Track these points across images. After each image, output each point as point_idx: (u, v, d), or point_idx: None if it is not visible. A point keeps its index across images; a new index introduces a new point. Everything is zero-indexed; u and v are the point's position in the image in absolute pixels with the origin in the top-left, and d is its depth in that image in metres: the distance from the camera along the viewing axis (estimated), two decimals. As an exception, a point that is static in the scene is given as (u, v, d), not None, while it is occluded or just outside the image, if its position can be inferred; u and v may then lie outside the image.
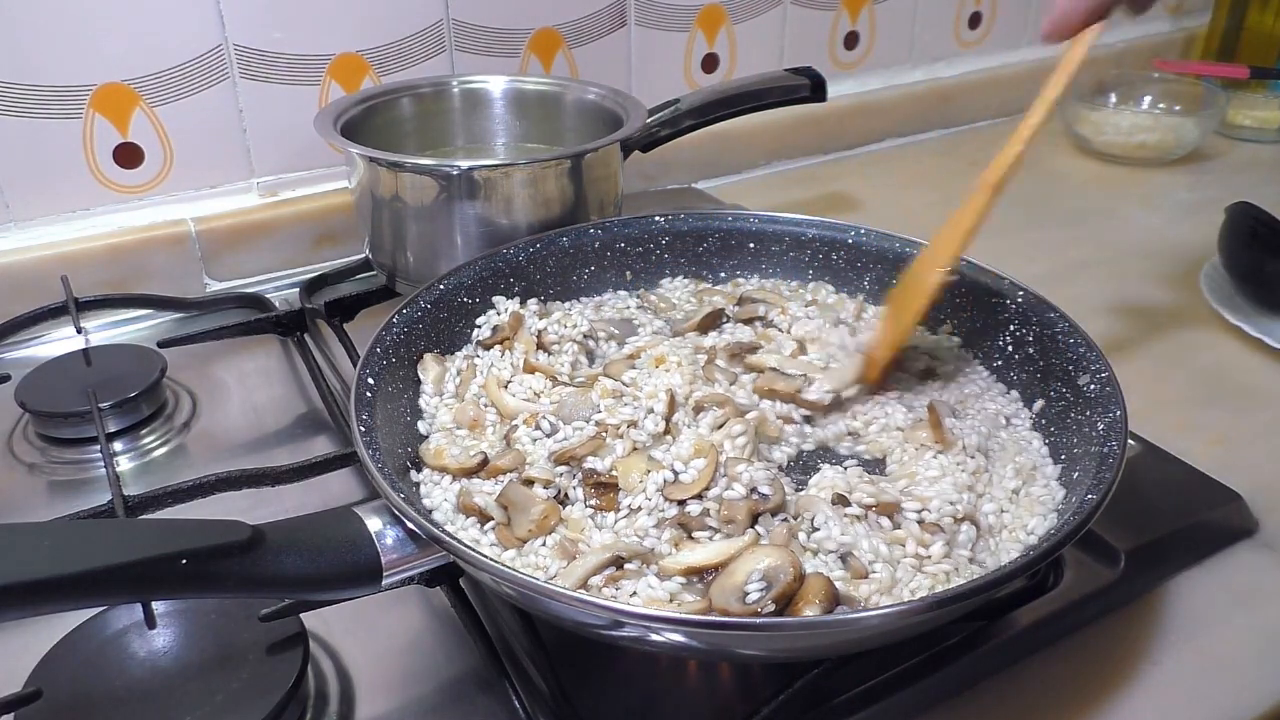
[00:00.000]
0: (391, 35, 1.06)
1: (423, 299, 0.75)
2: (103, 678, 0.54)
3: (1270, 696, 0.58)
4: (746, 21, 1.28)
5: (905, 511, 0.59)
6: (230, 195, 1.04)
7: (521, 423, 0.68)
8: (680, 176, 1.29)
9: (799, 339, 0.77)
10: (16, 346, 0.93)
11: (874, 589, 0.54)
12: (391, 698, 0.58)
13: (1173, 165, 1.37)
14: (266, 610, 0.56)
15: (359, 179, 0.91)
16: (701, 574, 0.55)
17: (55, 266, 0.93)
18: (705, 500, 0.60)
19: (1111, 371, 0.65)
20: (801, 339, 0.77)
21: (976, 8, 1.48)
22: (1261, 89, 1.52)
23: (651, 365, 0.72)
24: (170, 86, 0.97)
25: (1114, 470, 0.57)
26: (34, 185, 0.95)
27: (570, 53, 1.17)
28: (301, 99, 1.03)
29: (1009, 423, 0.71)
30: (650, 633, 0.50)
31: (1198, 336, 0.95)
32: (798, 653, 0.55)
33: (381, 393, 0.66)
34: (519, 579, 0.49)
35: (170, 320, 0.99)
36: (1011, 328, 0.75)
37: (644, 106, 0.97)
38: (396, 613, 0.63)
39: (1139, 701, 0.58)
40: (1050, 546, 0.51)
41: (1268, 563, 0.68)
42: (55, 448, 0.80)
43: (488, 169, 0.86)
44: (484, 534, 0.60)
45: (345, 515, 0.53)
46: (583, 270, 0.86)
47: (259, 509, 0.71)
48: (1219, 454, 0.77)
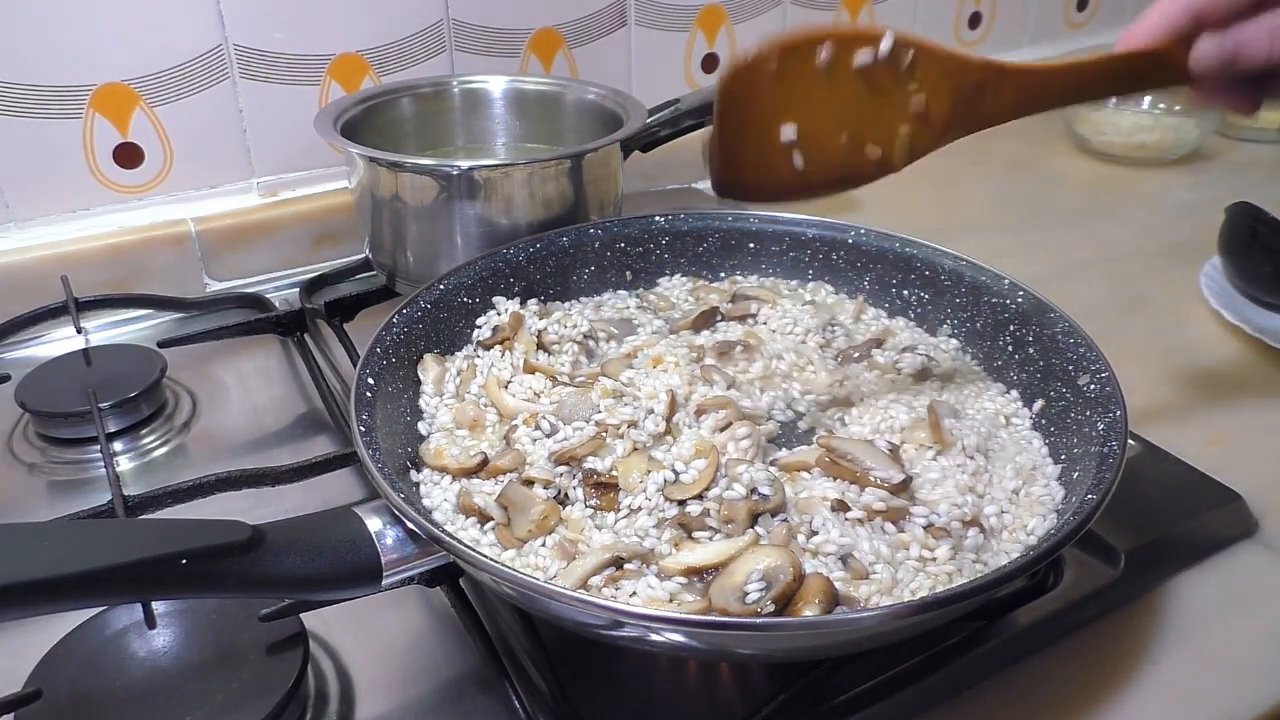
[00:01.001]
0: (391, 35, 1.06)
1: (423, 299, 0.75)
2: (103, 678, 0.54)
3: (1270, 696, 0.58)
4: (746, 21, 1.28)
5: (913, 517, 0.59)
6: (230, 195, 1.04)
7: (521, 423, 0.68)
8: (680, 176, 1.29)
9: (773, 330, 0.78)
10: (16, 346, 0.93)
11: (874, 589, 0.54)
12: (391, 698, 0.58)
13: (1173, 165, 1.37)
14: (266, 610, 0.56)
15: (359, 179, 0.91)
16: (701, 574, 0.55)
17: (55, 266, 0.93)
18: (705, 500, 0.60)
19: (1111, 371, 0.65)
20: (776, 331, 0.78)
21: (976, 8, 1.48)
22: (1261, 89, 1.52)
23: (649, 365, 0.72)
24: (170, 86, 0.97)
25: (1114, 470, 0.57)
26: (34, 185, 0.95)
27: (570, 53, 1.17)
28: (301, 99, 1.03)
29: (1009, 423, 0.71)
30: (650, 633, 0.50)
31: (1198, 336, 0.95)
32: (798, 653, 0.55)
33: (381, 393, 0.66)
34: (519, 579, 0.49)
35: (170, 320, 0.99)
36: (1011, 328, 0.75)
37: (644, 106, 0.97)
38: (396, 613, 0.63)
39: (1139, 701, 0.58)
40: (1050, 546, 0.51)
41: (1268, 563, 0.68)
42: (55, 448, 0.80)
43: (488, 169, 0.86)
44: (484, 534, 0.60)
45: (345, 515, 0.53)
46: (583, 270, 0.86)
47: (259, 509, 0.71)
48: (1219, 454, 0.77)
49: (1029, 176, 1.36)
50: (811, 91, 0.59)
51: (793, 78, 0.58)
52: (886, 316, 0.84)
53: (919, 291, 0.82)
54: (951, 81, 0.60)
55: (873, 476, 0.61)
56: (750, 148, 0.60)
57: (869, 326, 0.82)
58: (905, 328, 0.82)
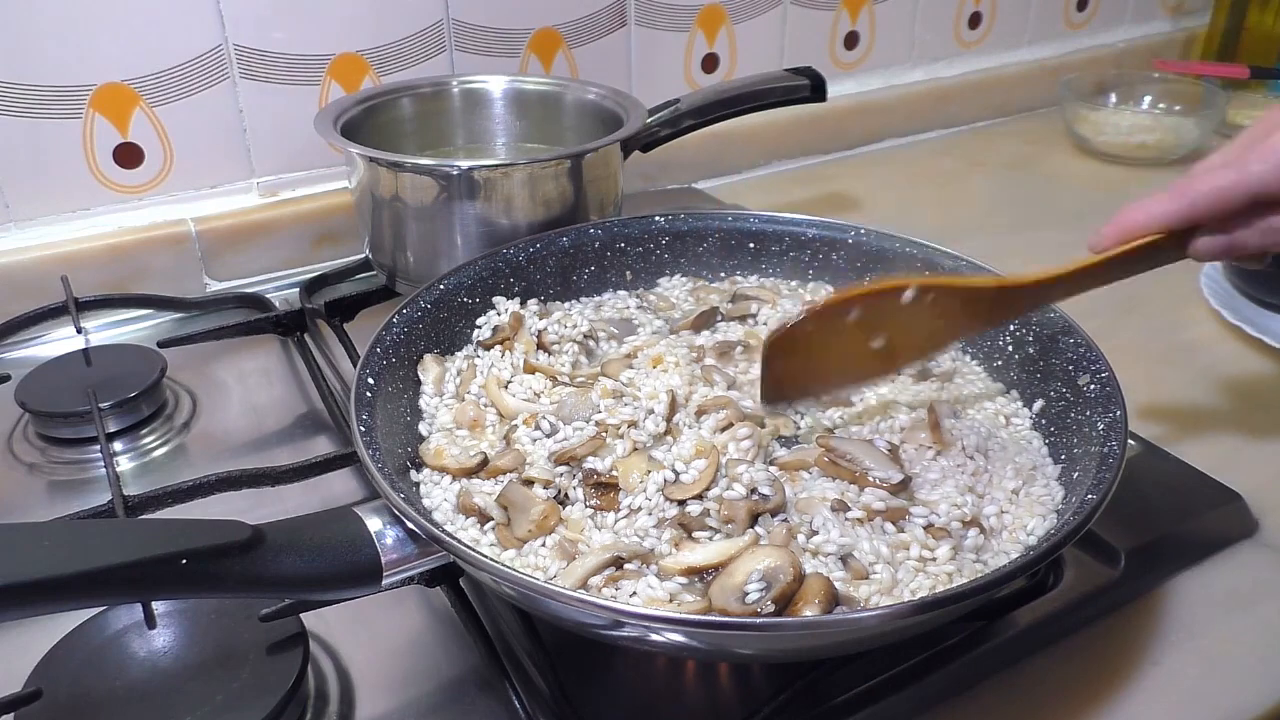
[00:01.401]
0: (391, 35, 1.06)
1: (423, 299, 0.75)
2: (103, 678, 0.54)
3: (1270, 696, 0.58)
4: (746, 21, 1.28)
5: (913, 518, 0.59)
6: (230, 195, 1.04)
7: (521, 423, 0.68)
8: (680, 176, 1.29)
9: None
10: (16, 346, 0.93)
11: (874, 589, 0.54)
12: (391, 698, 0.58)
13: (1173, 165, 1.37)
14: (266, 610, 0.56)
15: (359, 179, 0.91)
16: (701, 574, 0.55)
17: (55, 266, 0.93)
18: (705, 500, 0.60)
19: (1111, 371, 0.65)
20: None
21: (976, 8, 1.48)
22: (1261, 89, 1.52)
23: (649, 365, 0.72)
24: (170, 86, 0.97)
25: (1114, 470, 0.57)
26: (34, 185, 0.95)
27: (570, 53, 1.17)
28: (301, 99, 1.03)
29: (1009, 423, 0.71)
30: (650, 633, 0.50)
31: (1198, 336, 0.95)
32: (798, 653, 0.55)
33: (381, 393, 0.66)
34: (519, 579, 0.49)
35: (170, 320, 0.99)
36: (1011, 328, 0.75)
37: (644, 106, 0.97)
38: (396, 613, 0.63)
39: (1139, 701, 0.58)
40: (1050, 547, 0.51)
41: (1268, 563, 0.68)
42: (55, 448, 0.80)
43: (488, 169, 0.86)
44: (484, 534, 0.60)
45: (345, 515, 0.53)
46: (583, 270, 0.86)
47: (259, 509, 0.71)
48: (1219, 454, 0.77)
49: (1029, 176, 1.36)
50: (843, 335, 0.65)
51: (826, 331, 0.65)
52: (886, 316, 0.84)
53: (919, 291, 0.82)
54: (969, 308, 0.67)
55: (871, 477, 0.61)
56: (791, 380, 0.68)
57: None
58: (905, 328, 0.82)
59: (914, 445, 0.66)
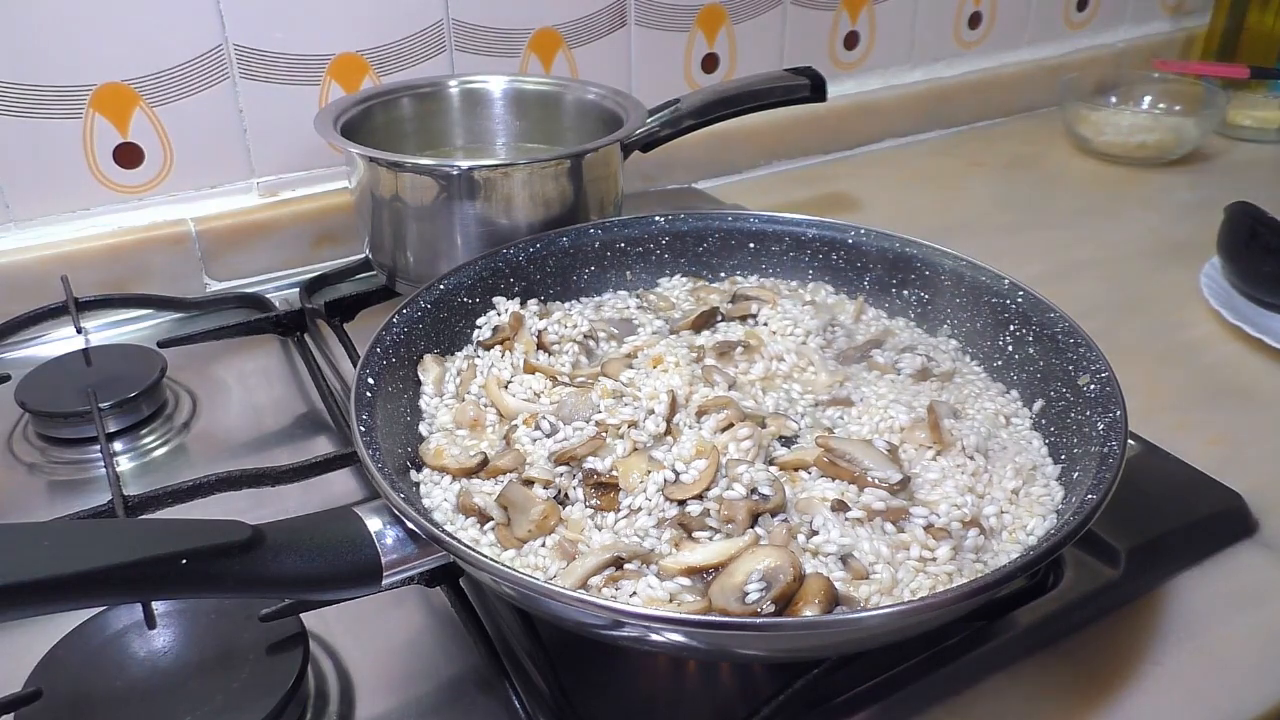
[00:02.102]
0: (391, 35, 1.06)
1: (423, 299, 0.75)
2: (103, 678, 0.54)
3: (1270, 696, 0.58)
4: (746, 21, 1.28)
5: (913, 518, 0.59)
6: (230, 195, 1.04)
7: (521, 423, 0.68)
8: (680, 176, 1.29)
9: (774, 331, 0.78)
10: (16, 346, 0.93)
11: (874, 589, 0.54)
12: (391, 698, 0.58)
13: (1173, 165, 1.37)
14: (266, 610, 0.56)
15: (359, 179, 0.91)
16: (701, 574, 0.55)
17: (55, 266, 0.93)
18: (705, 500, 0.60)
19: (1111, 371, 0.65)
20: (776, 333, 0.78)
21: (976, 8, 1.48)
22: (1261, 89, 1.52)
23: (649, 365, 0.72)
24: (170, 86, 0.97)
25: (1114, 470, 0.57)
26: (34, 185, 0.95)
27: (570, 53, 1.17)
28: (301, 99, 1.03)
29: (1009, 423, 0.71)
30: (650, 633, 0.50)
31: (1198, 336, 0.96)
32: (798, 653, 0.55)
33: (381, 393, 0.66)
34: (519, 579, 0.49)
35: (170, 320, 0.99)
36: (1011, 328, 0.75)
37: (644, 106, 0.97)
38: (396, 613, 0.63)
39: (1139, 701, 0.58)
40: (1050, 547, 0.51)
41: (1268, 563, 0.68)
42: (55, 448, 0.80)
43: (488, 169, 0.86)
44: (484, 534, 0.60)
45: (345, 515, 0.53)
46: (583, 270, 0.86)
47: (259, 509, 0.71)
48: (1219, 454, 0.77)
49: (1029, 176, 1.36)
50: None
51: None
52: (886, 316, 0.84)
53: (919, 291, 0.82)
54: None
55: (871, 477, 0.61)
56: None
57: (869, 327, 0.82)
58: (905, 328, 0.82)
59: (914, 445, 0.66)
